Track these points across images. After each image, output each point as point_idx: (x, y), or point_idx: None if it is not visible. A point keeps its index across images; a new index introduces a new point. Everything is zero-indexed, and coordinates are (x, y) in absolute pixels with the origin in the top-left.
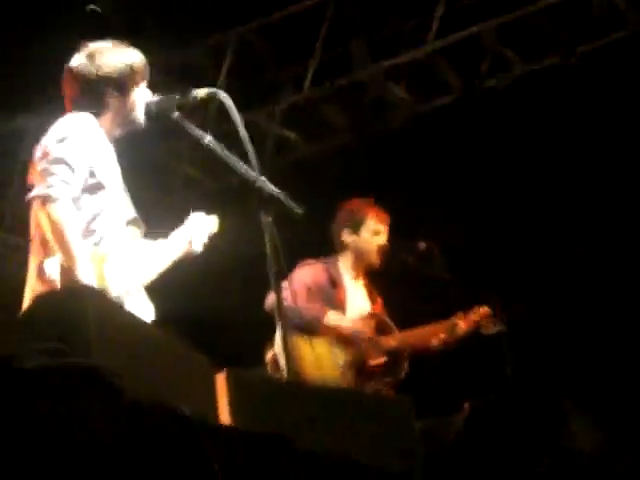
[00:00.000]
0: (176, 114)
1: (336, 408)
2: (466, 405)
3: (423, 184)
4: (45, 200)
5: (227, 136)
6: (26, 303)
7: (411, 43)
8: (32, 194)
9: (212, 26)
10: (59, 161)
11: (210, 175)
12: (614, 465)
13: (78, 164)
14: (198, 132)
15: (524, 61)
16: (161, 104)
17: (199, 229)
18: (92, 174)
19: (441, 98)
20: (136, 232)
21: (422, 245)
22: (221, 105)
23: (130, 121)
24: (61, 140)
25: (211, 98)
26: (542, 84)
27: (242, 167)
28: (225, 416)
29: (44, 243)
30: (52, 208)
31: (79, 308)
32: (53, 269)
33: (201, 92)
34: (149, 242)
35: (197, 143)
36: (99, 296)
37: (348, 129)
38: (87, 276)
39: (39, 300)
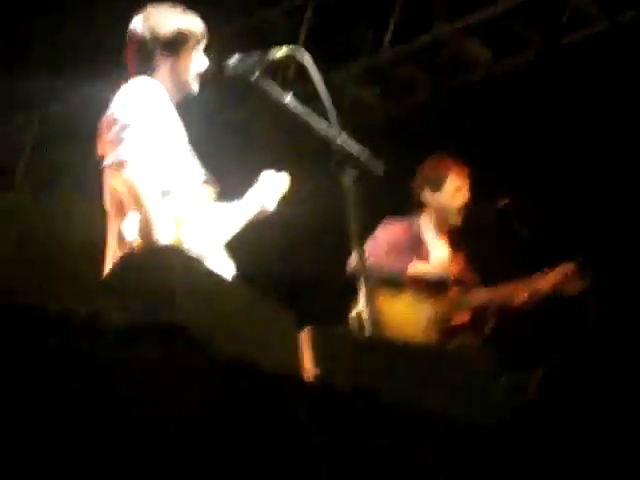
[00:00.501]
0: (256, 74)
1: (420, 364)
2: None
3: (503, 141)
4: (119, 166)
5: (307, 96)
6: (108, 268)
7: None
8: (105, 163)
9: None
10: (127, 127)
11: (290, 136)
12: None
13: (146, 128)
14: (278, 91)
15: (606, 15)
16: (241, 64)
17: (271, 188)
18: (160, 137)
19: (520, 55)
20: (210, 192)
21: (504, 201)
22: (300, 66)
23: (181, 86)
24: (127, 105)
25: (291, 57)
26: (624, 40)
27: (322, 125)
28: (309, 373)
29: (120, 209)
30: (127, 172)
31: (164, 267)
32: (131, 231)
33: (281, 51)
34: (224, 204)
35: (277, 103)
36: (184, 255)
37: (427, 88)
38: (166, 235)
39: (123, 260)
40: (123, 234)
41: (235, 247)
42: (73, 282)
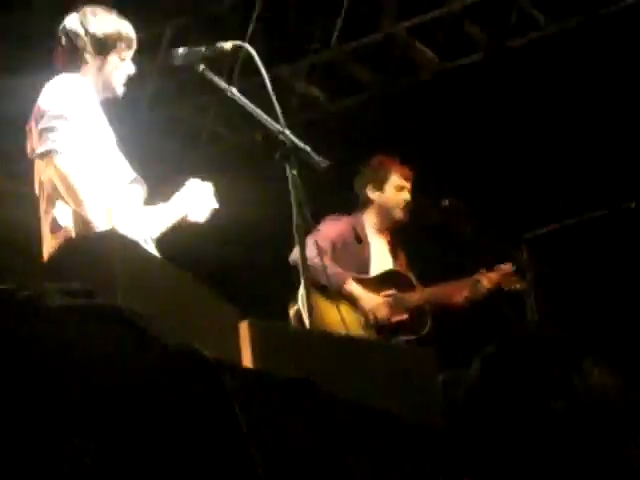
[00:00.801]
0: (201, 67)
1: (358, 357)
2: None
3: (447, 141)
4: (51, 155)
5: (252, 91)
6: (45, 256)
7: (438, 1)
8: (37, 152)
9: None
10: (58, 117)
11: (235, 130)
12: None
13: (76, 119)
14: (223, 84)
15: (552, 19)
16: (187, 56)
17: (197, 198)
18: (88, 130)
19: (467, 57)
20: (138, 192)
21: (446, 201)
22: (246, 60)
23: (107, 87)
24: (57, 98)
25: (237, 51)
26: (569, 43)
27: (267, 119)
28: (248, 363)
29: (51, 197)
30: (58, 160)
31: (105, 252)
32: (66, 219)
33: (227, 45)
34: (149, 207)
35: (222, 97)
36: (125, 240)
37: (373, 86)
38: (101, 222)
39: (64, 246)
40: (57, 221)
41: (184, 234)
42: (13, 265)
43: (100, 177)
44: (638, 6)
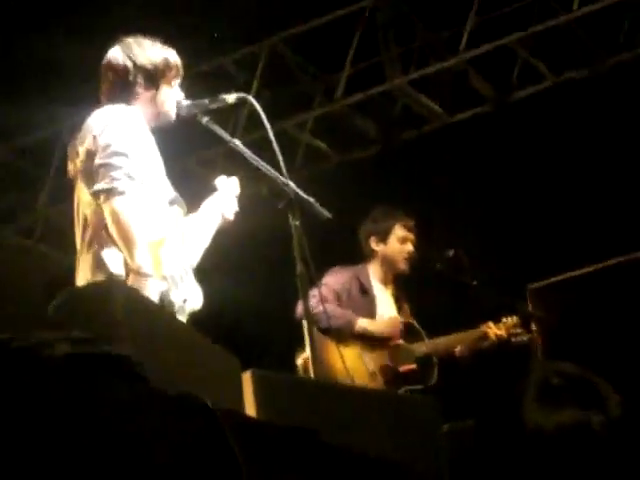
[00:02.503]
0: (205, 119)
1: (363, 407)
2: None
3: (453, 192)
4: (111, 194)
5: (256, 143)
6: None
7: (442, 54)
8: (97, 188)
9: (244, 36)
10: (120, 154)
11: (240, 183)
12: None
13: (136, 155)
14: (227, 136)
15: (554, 72)
16: (191, 108)
17: (226, 196)
18: (146, 164)
19: (471, 109)
20: (179, 211)
21: (450, 252)
22: (251, 113)
23: (160, 116)
24: (116, 132)
25: (241, 103)
26: (571, 95)
27: (271, 171)
28: (251, 413)
29: (100, 235)
30: (119, 202)
31: (108, 301)
32: (113, 260)
33: (231, 97)
34: (187, 218)
35: (227, 150)
36: (128, 290)
37: (378, 139)
38: (147, 267)
39: (66, 294)
40: (102, 259)
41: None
42: (17, 312)
43: (153, 210)
44: None
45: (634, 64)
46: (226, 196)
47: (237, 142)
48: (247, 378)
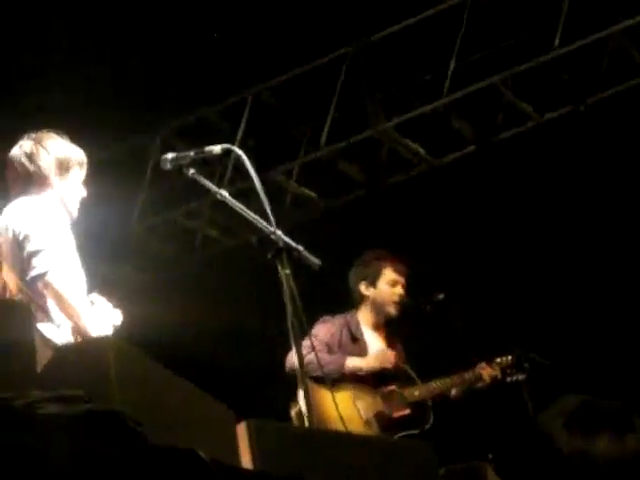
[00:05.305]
0: (191, 171)
1: (360, 455)
2: (490, 456)
3: (440, 235)
4: (46, 276)
5: (244, 193)
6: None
7: (425, 98)
8: (33, 275)
9: (228, 86)
10: (45, 239)
11: (229, 234)
12: None
13: (60, 239)
14: (213, 187)
15: (538, 112)
16: (176, 161)
17: (105, 310)
18: (68, 248)
19: (456, 151)
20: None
21: (440, 295)
22: (237, 163)
23: (67, 208)
24: (37, 220)
25: (226, 154)
26: (554, 133)
27: (258, 220)
28: (247, 464)
29: (36, 315)
30: (56, 281)
31: (100, 358)
32: (54, 334)
33: (216, 148)
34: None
35: (215, 202)
36: (120, 346)
37: (364, 184)
38: (94, 331)
39: (59, 352)
40: (47, 338)
41: (173, 339)
42: (7, 374)
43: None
44: (623, 94)
45: (615, 101)
46: (104, 310)
47: (224, 193)
48: (242, 429)
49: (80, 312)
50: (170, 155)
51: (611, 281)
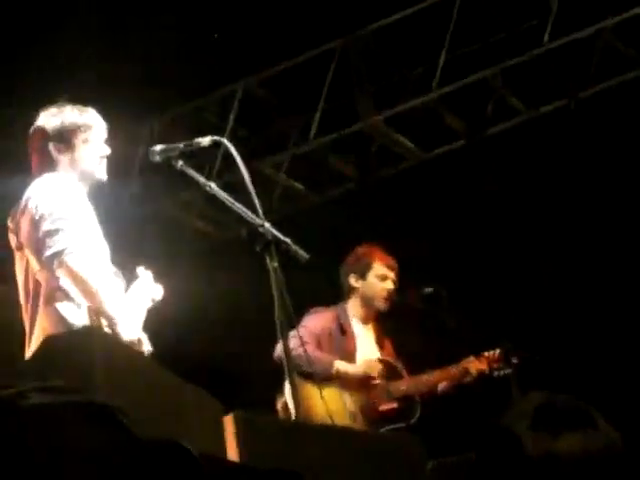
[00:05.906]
0: (180, 163)
1: (346, 448)
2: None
3: (429, 230)
4: (63, 255)
5: (233, 185)
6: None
7: (415, 91)
8: (47, 254)
9: (218, 78)
10: (62, 218)
11: (218, 226)
12: None
13: (77, 218)
14: (202, 179)
15: (528, 106)
16: (165, 153)
17: (148, 283)
18: (87, 228)
19: (446, 145)
20: (120, 285)
21: (429, 289)
22: (227, 155)
23: (85, 176)
24: (53, 199)
25: (215, 146)
26: (545, 128)
27: (247, 213)
28: (233, 456)
29: (56, 295)
30: (72, 260)
31: (85, 348)
32: (72, 314)
33: (205, 140)
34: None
35: (205, 195)
36: (106, 337)
37: (354, 178)
38: (115, 313)
39: (44, 343)
40: (64, 316)
41: (160, 332)
42: None
43: (103, 272)
44: (615, 89)
45: (606, 96)
46: (148, 283)
47: (213, 185)
48: (229, 421)
49: (98, 291)
50: (159, 147)
51: (602, 276)
